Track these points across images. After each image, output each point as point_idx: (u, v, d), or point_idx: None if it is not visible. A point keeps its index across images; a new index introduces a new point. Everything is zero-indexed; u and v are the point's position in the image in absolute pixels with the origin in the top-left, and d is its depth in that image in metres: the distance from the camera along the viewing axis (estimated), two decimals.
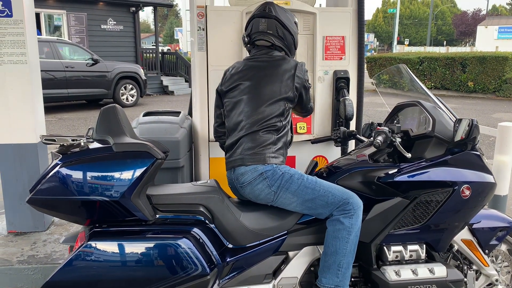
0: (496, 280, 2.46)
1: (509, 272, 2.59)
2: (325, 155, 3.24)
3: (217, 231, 2.10)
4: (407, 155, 2.13)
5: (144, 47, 17.39)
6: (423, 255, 2.24)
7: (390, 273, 2.15)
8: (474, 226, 2.44)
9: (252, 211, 2.16)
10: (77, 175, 1.85)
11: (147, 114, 3.29)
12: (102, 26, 14.11)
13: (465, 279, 2.37)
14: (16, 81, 3.10)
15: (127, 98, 11.94)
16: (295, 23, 2.41)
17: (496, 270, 2.48)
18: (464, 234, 2.41)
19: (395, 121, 2.57)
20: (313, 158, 3.25)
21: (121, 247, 1.87)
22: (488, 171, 2.26)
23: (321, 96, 3.11)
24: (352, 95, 3.15)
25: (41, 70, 10.07)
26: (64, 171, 1.86)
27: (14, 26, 3.03)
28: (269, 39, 2.30)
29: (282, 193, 2.12)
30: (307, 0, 3.12)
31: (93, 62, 11.06)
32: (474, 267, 2.45)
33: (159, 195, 2.05)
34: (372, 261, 2.19)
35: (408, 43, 52.15)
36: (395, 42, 38.96)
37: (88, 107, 11.56)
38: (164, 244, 1.89)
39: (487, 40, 33.16)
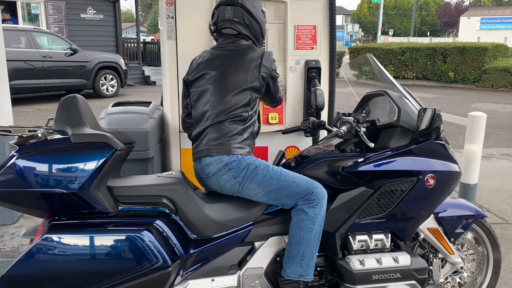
0: (461, 268, 2.50)
1: (474, 259, 2.62)
2: (297, 145, 3.23)
3: (181, 223, 2.08)
4: (370, 145, 2.13)
5: (126, 37, 17.12)
6: (388, 244, 2.26)
7: (355, 262, 2.16)
8: (440, 214, 2.46)
9: (217, 202, 2.15)
10: (33, 167, 1.81)
11: (116, 104, 3.23)
12: (82, 15, 13.84)
13: (430, 267, 2.39)
14: None
15: (107, 89, 11.77)
16: (263, 11, 2.37)
17: (461, 258, 2.52)
18: (430, 222, 2.43)
19: (364, 111, 2.57)
20: (285, 148, 3.24)
21: (79, 240, 1.83)
22: (453, 160, 2.27)
23: (293, 86, 3.09)
24: (324, 85, 3.14)
25: (18, 60, 9.82)
26: (21, 162, 1.81)
27: None
28: (236, 27, 2.27)
29: (247, 184, 2.11)
30: None
31: (72, 52, 10.86)
32: (440, 255, 2.48)
33: (121, 187, 2.02)
34: (337, 251, 2.19)
35: (392, 33, 52.41)
36: (379, 33, 39.09)
37: None
38: (123, 237, 1.86)
39: (470, 31, 33.47)
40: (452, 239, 2.48)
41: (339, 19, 72.19)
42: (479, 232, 2.59)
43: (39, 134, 1.93)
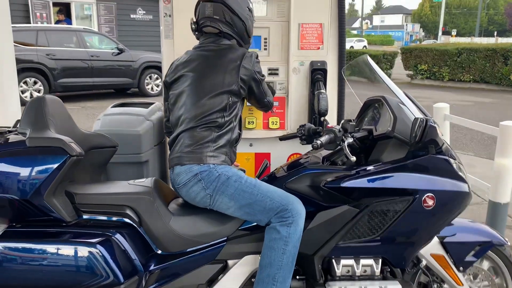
0: None
1: None
2: (302, 152, 2.99)
3: (145, 236, 1.94)
4: (352, 159, 1.88)
5: None
6: (377, 270, 1.98)
7: None
8: (447, 239, 2.15)
9: (186, 215, 1.98)
10: None
11: (117, 105, 3.16)
12: (132, 16, 14.22)
13: None
14: None
15: (152, 88, 11.97)
16: (248, 8, 2.18)
17: None
18: (435, 248, 2.13)
19: (363, 119, 2.31)
20: (290, 155, 3.02)
21: (27, 250, 1.74)
22: (460, 178, 1.96)
23: (296, 89, 2.86)
24: (332, 89, 2.89)
25: (67, 59, 10.19)
26: None
27: None
28: (216, 25, 2.10)
29: (218, 197, 1.93)
30: None
31: (118, 51, 11.13)
32: (445, 285, 2.16)
33: (83, 194, 1.91)
34: (316, 275, 1.95)
35: (455, 33, 49.86)
36: (440, 33, 37.32)
37: (114, 96, 11.67)
38: (74, 249, 1.74)
39: None
40: (461, 268, 2.15)
41: (398, 19, 69.89)
42: (497, 262, 2.25)
43: None
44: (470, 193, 2.00)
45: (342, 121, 2.12)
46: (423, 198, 1.89)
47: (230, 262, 2.01)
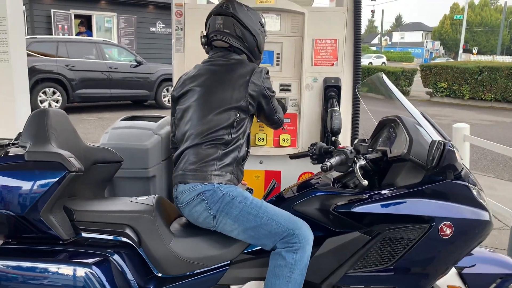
0: None
1: None
2: (314, 171, 2.89)
3: (145, 257, 1.85)
4: (363, 183, 1.77)
5: None
6: None
7: None
8: (465, 270, 2.01)
9: (188, 237, 1.89)
10: None
11: (126, 118, 3.11)
12: (151, 29, 14.39)
13: None
14: None
15: (168, 100, 12.01)
16: (260, 23, 2.12)
17: None
18: (452, 279, 1.99)
19: (379, 139, 2.20)
20: (300, 174, 2.92)
21: (20, 268, 1.67)
22: (480, 206, 1.83)
23: (309, 106, 2.77)
24: (346, 107, 2.79)
25: (86, 70, 10.30)
26: None
27: None
28: (226, 39, 2.04)
29: (221, 218, 1.83)
30: (301, 0, 2.80)
31: (136, 63, 11.23)
32: None
33: (82, 211, 1.84)
34: None
35: (476, 51, 49.27)
36: (460, 50, 36.91)
37: (131, 108, 11.74)
38: (68, 270, 1.66)
39: None
40: None
41: (418, 36, 69.49)
42: None
43: None
44: (491, 221, 1.86)
45: (355, 142, 2.02)
46: (440, 226, 1.77)
47: (233, 287, 1.91)
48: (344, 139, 2.82)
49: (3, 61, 3.05)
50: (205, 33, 2.13)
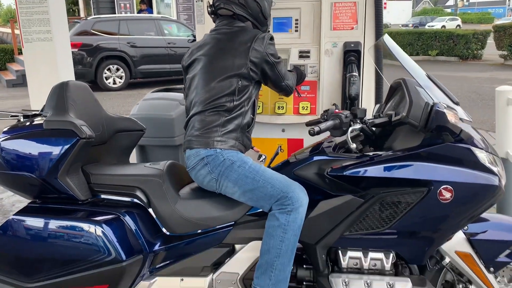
0: None
1: None
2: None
3: (154, 217, 2.00)
4: (352, 146, 1.76)
5: None
6: (387, 265, 1.85)
7: (337, 283, 1.82)
8: (476, 236, 1.94)
9: (194, 199, 2.01)
10: (8, 150, 1.91)
11: (158, 90, 3.27)
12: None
13: None
14: (44, 58, 3.31)
15: None
16: None
17: None
18: (460, 245, 1.94)
19: (392, 102, 2.15)
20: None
21: (40, 225, 1.88)
22: (486, 170, 1.75)
23: (329, 72, 2.73)
24: (368, 71, 2.72)
25: (146, 47, 10.68)
26: (1, 145, 1.92)
27: (39, 5, 3.21)
28: (230, 7, 2.07)
29: (223, 181, 1.93)
30: None
31: (193, 38, 11.46)
32: (472, 286, 1.97)
33: (98, 175, 2.01)
34: (319, 266, 1.88)
35: None
36: None
37: None
38: (80, 226, 1.84)
39: None
40: (491, 269, 1.94)
41: None
42: None
43: (21, 119, 2.02)
44: (500, 186, 1.78)
45: (353, 107, 1.99)
46: (438, 190, 1.73)
47: (237, 246, 2.00)
48: (368, 104, 2.76)
49: (47, 40, 3.31)
50: (211, 2, 2.18)
